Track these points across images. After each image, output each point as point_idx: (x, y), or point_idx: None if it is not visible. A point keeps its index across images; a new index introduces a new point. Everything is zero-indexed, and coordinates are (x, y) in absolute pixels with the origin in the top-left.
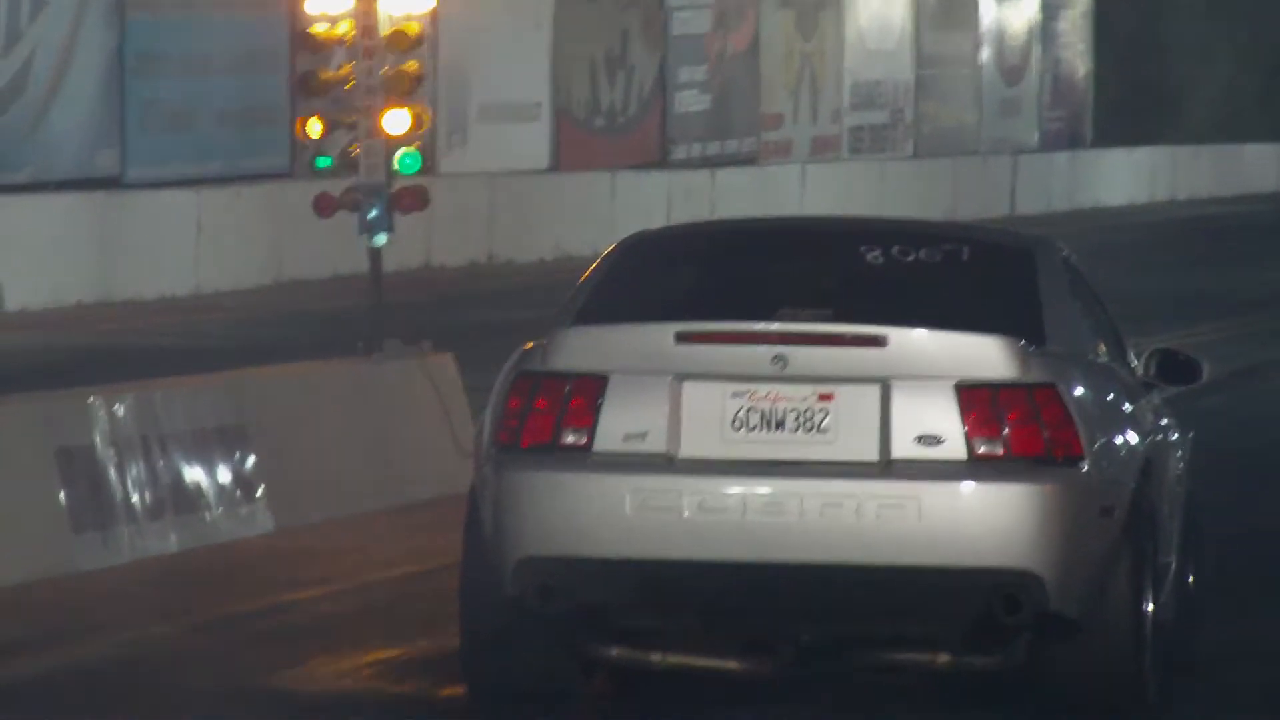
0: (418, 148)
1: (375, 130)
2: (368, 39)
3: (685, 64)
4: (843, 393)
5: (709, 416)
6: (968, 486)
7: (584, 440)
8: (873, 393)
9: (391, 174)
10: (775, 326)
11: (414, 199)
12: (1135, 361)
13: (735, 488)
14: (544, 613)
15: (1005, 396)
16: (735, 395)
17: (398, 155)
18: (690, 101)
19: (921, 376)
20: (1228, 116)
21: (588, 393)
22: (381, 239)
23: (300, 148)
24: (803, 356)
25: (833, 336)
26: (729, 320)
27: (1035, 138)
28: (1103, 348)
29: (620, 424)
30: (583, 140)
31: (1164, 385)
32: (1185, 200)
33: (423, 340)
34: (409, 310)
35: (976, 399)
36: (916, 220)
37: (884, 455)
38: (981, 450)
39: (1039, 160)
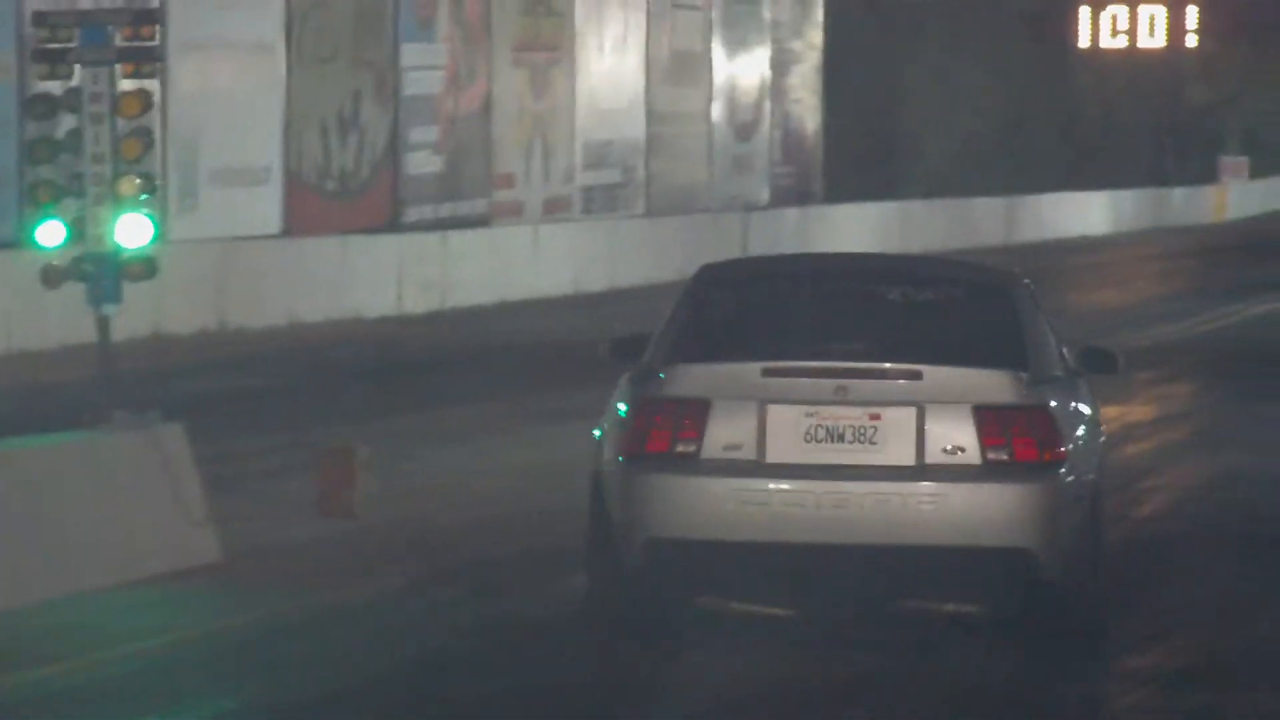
0: (149, 215)
1: (104, 198)
2: (96, 105)
3: (417, 125)
4: (888, 413)
5: (788, 431)
6: (981, 487)
7: (694, 450)
8: (910, 414)
9: (120, 245)
10: (838, 365)
11: (142, 268)
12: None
13: (810, 486)
14: (662, 580)
15: (1010, 416)
16: (807, 415)
17: (129, 226)
18: (422, 163)
19: (947, 401)
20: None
21: (696, 414)
22: (110, 309)
23: (29, 216)
24: (858, 386)
25: (881, 371)
26: (800, 358)
27: (766, 194)
28: (1061, 356)
29: (721, 437)
30: (314, 203)
31: (1090, 373)
32: (916, 254)
33: (150, 410)
34: (138, 380)
35: (989, 418)
36: (920, 259)
37: (920, 461)
38: (991, 457)
39: (769, 216)
